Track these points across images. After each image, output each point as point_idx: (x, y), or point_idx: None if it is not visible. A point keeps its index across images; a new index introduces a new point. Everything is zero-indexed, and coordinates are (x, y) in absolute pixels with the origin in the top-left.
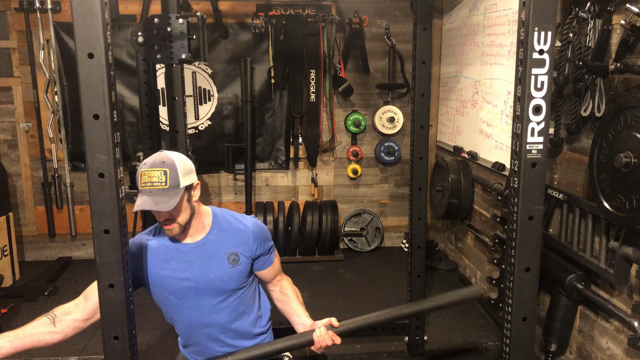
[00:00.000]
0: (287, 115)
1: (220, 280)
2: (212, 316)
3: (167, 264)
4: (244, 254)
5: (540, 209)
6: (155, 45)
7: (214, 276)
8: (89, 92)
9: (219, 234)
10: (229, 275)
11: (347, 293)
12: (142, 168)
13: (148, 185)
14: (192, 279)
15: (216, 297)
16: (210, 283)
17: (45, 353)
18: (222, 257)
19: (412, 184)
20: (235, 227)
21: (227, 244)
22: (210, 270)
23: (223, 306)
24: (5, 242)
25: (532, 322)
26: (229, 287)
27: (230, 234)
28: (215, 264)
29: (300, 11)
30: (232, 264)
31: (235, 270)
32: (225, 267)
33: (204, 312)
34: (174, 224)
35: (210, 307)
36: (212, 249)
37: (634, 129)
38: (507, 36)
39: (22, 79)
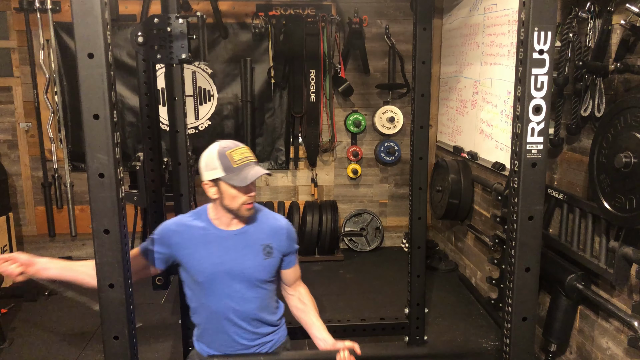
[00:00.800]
0: (287, 115)
1: (254, 269)
2: (240, 304)
3: (205, 247)
4: (277, 249)
5: (540, 209)
6: (155, 45)
7: (249, 265)
8: (89, 92)
9: (258, 226)
10: (262, 266)
11: (347, 293)
12: (228, 150)
13: (246, 160)
14: (227, 265)
15: (247, 286)
16: (244, 271)
17: (45, 352)
18: (258, 247)
19: (412, 184)
20: (272, 223)
21: (263, 236)
22: (246, 259)
23: (252, 295)
24: (5, 242)
25: (532, 322)
26: (260, 277)
27: (267, 227)
28: (251, 253)
29: (300, 11)
30: (266, 256)
31: (268, 262)
32: (259, 258)
33: (233, 298)
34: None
35: (240, 294)
36: (250, 239)
37: (634, 129)
38: (507, 36)
39: (22, 79)
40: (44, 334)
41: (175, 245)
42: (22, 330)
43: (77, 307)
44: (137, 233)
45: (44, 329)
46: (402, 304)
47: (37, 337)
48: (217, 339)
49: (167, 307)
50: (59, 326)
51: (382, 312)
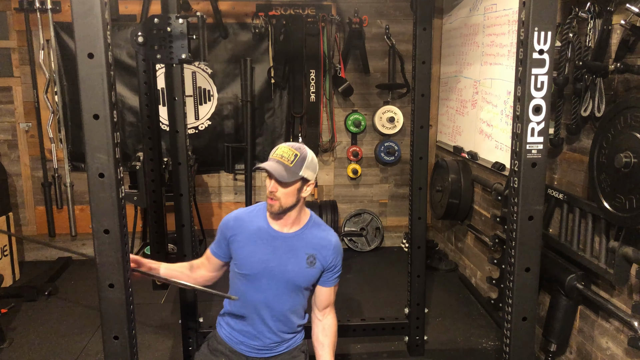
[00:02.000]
0: (287, 115)
1: (294, 274)
2: (274, 302)
3: (255, 242)
4: (320, 261)
5: (540, 209)
6: (155, 45)
7: (290, 268)
8: (89, 92)
9: (308, 235)
10: (302, 273)
11: (347, 293)
12: (282, 144)
13: (277, 157)
14: (271, 264)
15: (285, 288)
16: (285, 273)
17: (45, 352)
18: (302, 255)
19: (412, 184)
20: (323, 235)
21: (310, 246)
22: (289, 262)
23: (287, 297)
24: (5, 242)
25: (532, 322)
26: (298, 283)
27: (316, 238)
28: (295, 259)
29: (300, 11)
30: (309, 265)
31: (309, 271)
32: (302, 265)
33: (269, 295)
34: (277, 201)
35: (277, 294)
36: (297, 245)
37: (634, 129)
38: (507, 36)
39: (22, 79)
40: (44, 334)
41: (231, 237)
42: (22, 330)
43: (77, 306)
44: (137, 233)
45: (44, 329)
46: (402, 304)
47: (37, 337)
48: (242, 329)
49: (167, 307)
50: (59, 326)
51: (382, 312)
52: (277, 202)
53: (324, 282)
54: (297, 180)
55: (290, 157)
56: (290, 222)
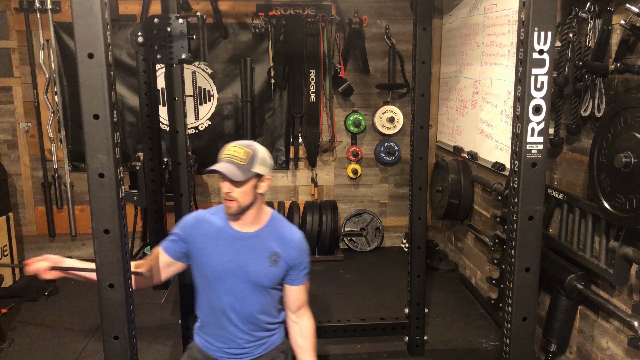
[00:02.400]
0: (287, 115)
1: (256, 274)
2: (241, 304)
3: (217, 243)
4: (284, 259)
5: (540, 209)
6: (155, 45)
7: (253, 269)
8: (89, 92)
9: (270, 233)
10: (265, 272)
11: (347, 293)
12: (229, 144)
13: (228, 157)
14: (234, 265)
15: (250, 288)
16: (247, 274)
17: (45, 352)
18: (265, 254)
19: (412, 184)
20: (285, 233)
21: (273, 244)
22: (251, 262)
23: (253, 298)
24: (5, 242)
25: (532, 322)
26: (262, 283)
27: (278, 237)
28: (257, 258)
29: (300, 11)
30: (271, 263)
31: (272, 270)
32: (264, 264)
33: (235, 297)
34: (234, 202)
35: (242, 295)
36: (259, 244)
37: (634, 129)
38: (507, 36)
39: (22, 79)
40: (44, 334)
41: (191, 238)
42: (22, 330)
43: (77, 306)
44: (137, 233)
45: (44, 329)
46: (402, 304)
47: (37, 337)
48: (215, 334)
49: (167, 307)
50: (59, 326)
51: (382, 312)
52: (235, 203)
53: (291, 280)
54: (251, 178)
55: (241, 155)
56: (250, 221)
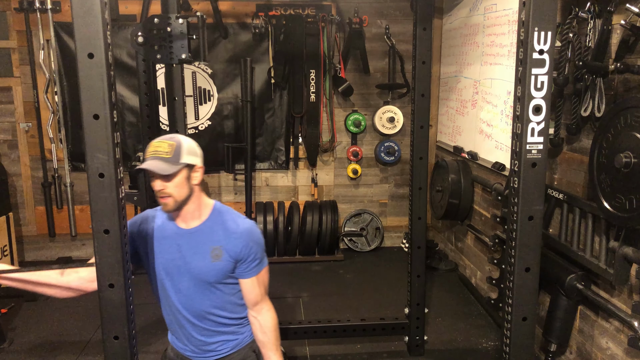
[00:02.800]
0: (287, 115)
1: (199, 270)
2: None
3: (161, 241)
4: (228, 252)
5: (540, 209)
6: (155, 45)
7: (195, 265)
8: (89, 92)
9: (212, 227)
10: (208, 268)
11: (347, 293)
12: (152, 141)
13: (152, 154)
14: (177, 262)
15: (196, 285)
16: (191, 271)
17: (45, 352)
18: (207, 249)
19: (412, 184)
20: (228, 225)
21: (215, 238)
22: (193, 259)
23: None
24: (5, 242)
25: (532, 322)
26: (207, 279)
27: (221, 230)
28: (199, 254)
29: (300, 11)
30: (214, 259)
31: (215, 266)
32: (207, 260)
33: (184, 295)
34: (168, 198)
35: (190, 292)
36: (200, 240)
37: (634, 129)
38: (507, 36)
39: (22, 79)
40: (44, 334)
41: (138, 237)
42: (22, 330)
43: (77, 306)
44: None
45: (44, 329)
46: (402, 304)
47: (37, 337)
48: (178, 332)
49: None
50: (59, 326)
51: (382, 312)
52: (170, 199)
53: (241, 274)
54: (181, 170)
55: (165, 149)
56: (190, 216)
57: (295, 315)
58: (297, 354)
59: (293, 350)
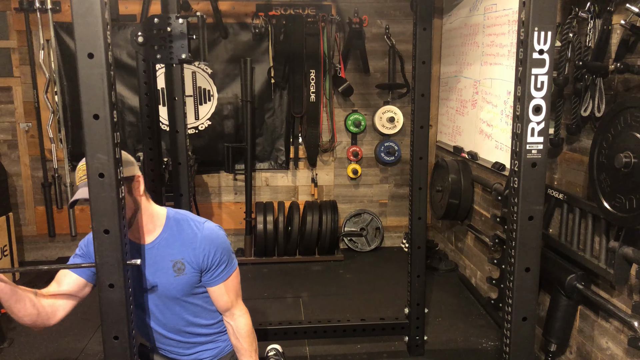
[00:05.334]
0: (287, 115)
1: (163, 288)
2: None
3: None
4: (189, 264)
5: (540, 209)
6: (155, 45)
7: (159, 282)
8: (89, 92)
9: (168, 239)
10: (172, 284)
11: (347, 293)
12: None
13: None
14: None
15: (165, 302)
16: (155, 289)
17: (45, 352)
18: (167, 264)
19: (412, 184)
20: (186, 233)
21: (174, 251)
22: (155, 276)
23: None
24: (5, 242)
25: (532, 322)
26: (174, 295)
27: (179, 240)
28: (160, 271)
29: (300, 11)
30: (176, 272)
31: (179, 280)
32: (169, 275)
33: (156, 314)
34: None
35: (160, 309)
36: (159, 254)
37: (634, 129)
38: (507, 36)
39: (22, 79)
40: (44, 334)
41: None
42: (22, 330)
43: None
44: None
45: (44, 329)
46: (402, 304)
47: (37, 337)
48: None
49: None
50: (59, 326)
51: (382, 312)
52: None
53: (208, 282)
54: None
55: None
56: (144, 231)
57: (295, 315)
58: (297, 354)
59: (293, 350)
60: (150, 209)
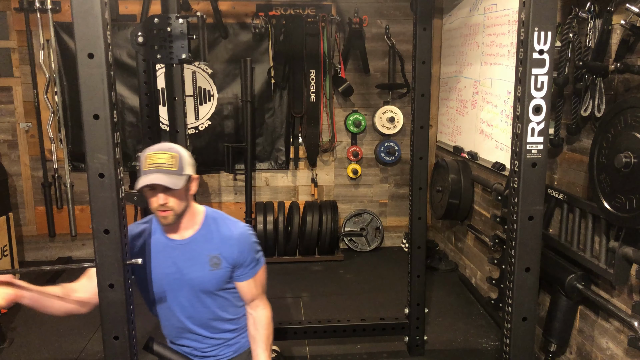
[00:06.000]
0: (287, 115)
1: (200, 281)
2: (191, 311)
3: (155, 256)
4: (225, 259)
5: (540, 209)
6: (155, 45)
7: (194, 276)
8: (89, 92)
9: (206, 235)
10: (208, 278)
11: (347, 293)
12: (148, 152)
13: (156, 166)
14: (175, 275)
15: (196, 295)
16: (190, 282)
17: (45, 352)
18: (204, 258)
19: (412, 184)
20: (223, 232)
21: (211, 247)
22: (192, 270)
23: (202, 304)
24: (5, 242)
25: (532, 322)
26: (208, 288)
27: (216, 237)
28: (197, 265)
29: (300, 11)
30: (212, 267)
31: (215, 274)
32: (205, 269)
33: (184, 307)
34: (169, 211)
35: (190, 303)
36: (196, 249)
37: (634, 129)
38: (507, 36)
39: (22, 79)
40: (44, 334)
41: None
42: (22, 330)
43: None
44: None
45: (44, 329)
46: (402, 304)
47: (37, 337)
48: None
49: None
50: (59, 326)
51: (382, 312)
52: (171, 212)
53: (239, 277)
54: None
55: (168, 161)
56: (184, 227)
57: (295, 315)
58: (297, 354)
59: (293, 350)
60: (193, 207)
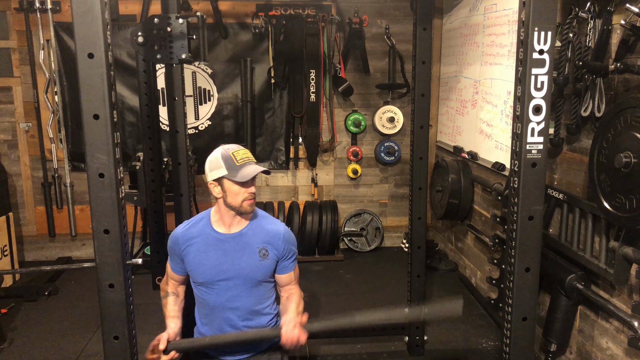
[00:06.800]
0: (287, 115)
1: (250, 270)
2: (238, 302)
3: (206, 250)
4: (273, 252)
5: (540, 209)
6: (155, 45)
7: (245, 265)
8: (89, 92)
9: (255, 230)
10: (257, 267)
11: (347, 293)
12: (231, 151)
13: (247, 159)
14: (225, 267)
15: (244, 286)
16: (240, 271)
17: (45, 352)
18: (254, 249)
19: (412, 184)
20: (270, 227)
21: (260, 239)
22: (242, 260)
23: (248, 294)
24: (5, 242)
25: (532, 322)
26: (256, 277)
27: (264, 231)
28: (248, 255)
29: (300, 11)
30: (262, 257)
31: (263, 264)
32: (255, 259)
33: (230, 297)
34: (254, 199)
35: (237, 294)
36: (247, 241)
37: (634, 129)
38: (507, 36)
39: (22, 79)
40: (44, 334)
41: (182, 252)
42: (22, 330)
43: (77, 306)
44: (137, 233)
45: (44, 329)
46: (402, 304)
47: (37, 337)
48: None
49: None
50: (59, 326)
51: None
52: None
53: (281, 270)
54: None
55: (250, 155)
56: (237, 220)
57: None
58: (297, 354)
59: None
60: None
